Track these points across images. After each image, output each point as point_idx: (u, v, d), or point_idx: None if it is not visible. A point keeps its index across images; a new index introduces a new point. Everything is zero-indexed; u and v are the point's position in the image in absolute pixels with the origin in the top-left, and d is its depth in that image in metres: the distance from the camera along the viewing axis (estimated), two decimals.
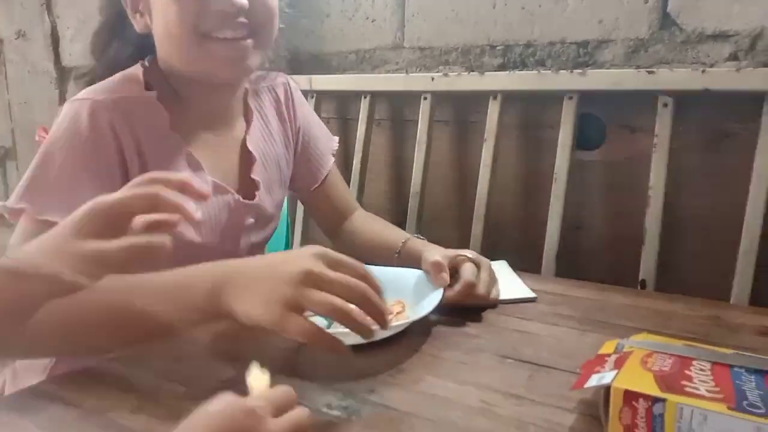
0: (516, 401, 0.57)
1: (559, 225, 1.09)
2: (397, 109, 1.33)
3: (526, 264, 0.99)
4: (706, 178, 1.03)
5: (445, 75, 1.20)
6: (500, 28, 1.19)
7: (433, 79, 1.20)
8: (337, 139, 1.06)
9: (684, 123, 1.02)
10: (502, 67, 1.20)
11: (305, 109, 1.02)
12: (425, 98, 1.22)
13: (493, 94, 1.15)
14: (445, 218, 1.27)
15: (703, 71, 0.97)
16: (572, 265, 1.11)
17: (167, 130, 0.79)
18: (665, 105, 1.01)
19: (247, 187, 0.88)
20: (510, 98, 1.16)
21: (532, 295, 0.83)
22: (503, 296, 0.81)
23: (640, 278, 1.00)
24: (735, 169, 0.98)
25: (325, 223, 1.06)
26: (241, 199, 0.86)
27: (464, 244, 1.16)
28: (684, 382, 0.50)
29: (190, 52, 0.76)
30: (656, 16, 1.05)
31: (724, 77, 0.96)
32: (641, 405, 0.49)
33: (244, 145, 0.89)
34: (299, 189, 1.03)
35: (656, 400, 0.49)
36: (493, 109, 1.15)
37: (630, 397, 0.50)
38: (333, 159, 1.03)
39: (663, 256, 1.00)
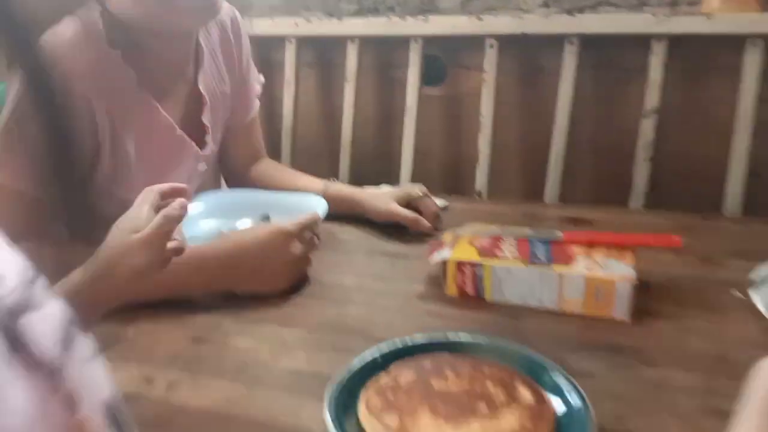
0: (381, 280, 0.76)
1: (412, 152, 1.28)
2: (263, 52, 1.44)
3: None
4: (524, 106, 1.26)
5: (308, 20, 1.33)
6: None
7: (297, 24, 1.33)
8: (262, 77, 1.07)
9: (507, 61, 1.24)
10: (358, 13, 1.34)
11: (248, 43, 0.98)
12: (290, 42, 1.35)
13: (351, 38, 1.30)
14: (316, 152, 1.42)
15: (520, 17, 1.19)
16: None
17: (135, 90, 0.79)
18: (491, 46, 1.22)
19: (197, 131, 0.88)
20: (366, 42, 1.31)
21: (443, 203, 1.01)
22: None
23: (476, 189, 1.23)
24: (546, 98, 1.22)
25: (238, 164, 1.04)
26: (200, 150, 0.88)
27: (334, 175, 1.32)
28: (496, 252, 0.71)
29: (159, 5, 0.73)
30: None
31: (536, 22, 1.18)
32: (468, 270, 0.70)
33: (194, 87, 0.87)
34: (228, 126, 0.99)
35: (477, 265, 0.69)
36: (352, 52, 1.30)
37: (461, 265, 0.70)
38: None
39: (493, 171, 1.23)
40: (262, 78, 1.05)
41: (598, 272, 0.66)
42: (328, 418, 0.47)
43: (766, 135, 1.07)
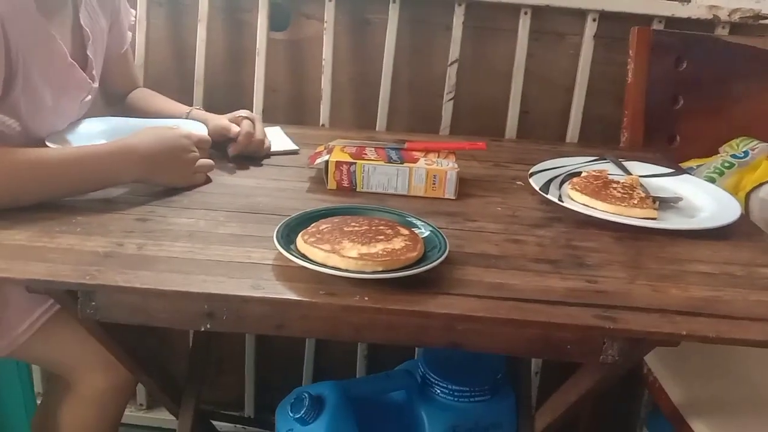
0: (276, 181, 0.98)
1: (263, 90, 1.47)
2: None
3: None
4: (357, 52, 1.51)
5: None
6: None
7: None
8: (133, 12, 1.15)
9: (342, 13, 1.47)
10: None
11: None
12: None
13: None
14: (170, 86, 1.53)
15: None
16: (276, 118, 1.52)
17: (34, 15, 0.85)
18: (330, 0, 1.44)
19: (82, 65, 0.97)
20: None
21: (296, 147, 1.14)
22: (275, 148, 1.11)
23: (321, 123, 1.46)
24: (374, 46, 1.48)
25: (114, 92, 1.15)
26: (88, 80, 0.98)
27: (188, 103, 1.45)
28: (363, 155, 0.97)
29: None
30: None
31: None
32: (344, 168, 0.94)
33: (77, 21, 0.95)
34: (105, 58, 1.07)
35: (351, 163, 0.94)
36: None
37: (339, 164, 0.94)
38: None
39: (333, 106, 1.47)
40: (133, 12, 1.17)
41: (435, 166, 0.95)
42: (278, 244, 0.69)
43: (532, 83, 1.46)
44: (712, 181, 1.23)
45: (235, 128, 1.04)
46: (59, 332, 0.96)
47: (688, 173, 1.12)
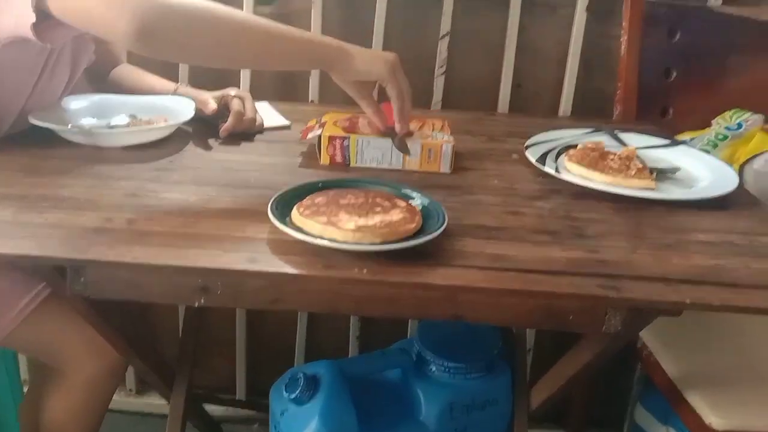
0: (267, 156, 0.95)
1: None
2: None
3: None
4: (347, 26, 1.48)
5: None
6: None
7: None
8: None
9: None
10: None
11: None
12: None
13: None
14: (154, 63, 1.49)
15: None
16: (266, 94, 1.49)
17: None
18: None
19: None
20: None
21: (287, 123, 1.12)
22: (266, 124, 1.08)
23: (310, 99, 1.43)
24: (364, 20, 1.45)
25: (96, 69, 1.10)
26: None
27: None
28: (357, 129, 0.94)
29: None
30: None
31: None
32: (338, 142, 0.92)
33: None
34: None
35: (345, 138, 0.92)
36: None
37: (332, 138, 0.92)
38: None
39: (322, 81, 1.44)
40: None
41: (430, 140, 0.93)
42: (272, 216, 0.67)
43: (525, 57, 1.44)
44: (706, 153, 1.23)
45: (211, 105, 1.02)
46: (47, 320, 0.93)
47: (684, 144, 1.11)
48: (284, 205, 0.72)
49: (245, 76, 1.43)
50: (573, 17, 1.39)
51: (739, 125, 1.24)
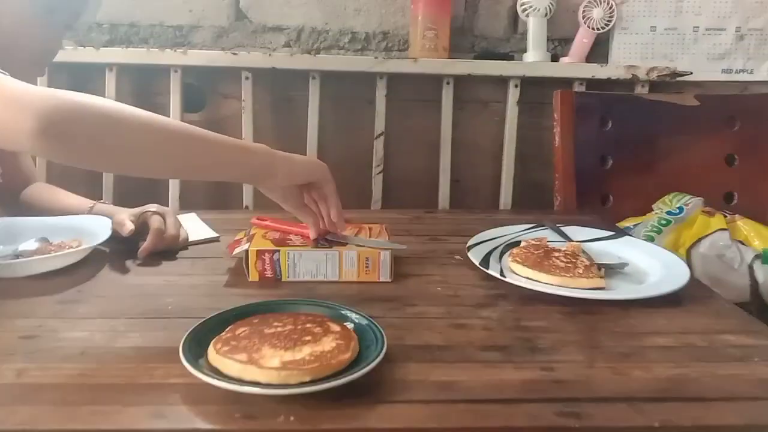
0: (188, 276, 0.87)
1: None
2: None
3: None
4: (279, 130, 1.45)
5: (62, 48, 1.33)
6: (107, 8, 1.38)
7: None
8: None
9: (261, 91, 1.41)
10: (110, 43, 1.39)
11: None
12: None
13: (109, 66, 1.35)
14: (77, 177, 1.41)
15: (270, 54, 1.38)
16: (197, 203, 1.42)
17: None
18: (247, 78, 1.38)
19: None
20: (124, 70, 1.37)
21: (215, 235, 1.03)
22: (192, 238, 1.00)
23: (244, 205, 1.37)
24: (297, 123, 1.43)
25: (10, 189, 1.05)
26: None
27: (97, 195, 1.34)
28: (288, 241, 0.88)
29: None
30: (233, 10, 1.41)
31: (283, 59, 1.38)
32: (267, 256, 0.85)
33: None
34: None
35: (275, 251, 0.85)
36: (110, 80, 1.35)
37: (260, 253, 0.85)
38: None
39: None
40: None
41: (366, 247, 0.87)
42: (184, 359, 0.58)
43: (461, 152, 1.43)
44: (651, 239, 1.21)
45: (127, 226, 0.92)
46: None
47: (628, 235, 1.08)
48: (200, 341, 0.63)
49: (174, 184, 1.37)
50: (505, 111, 1.40)
51: (681, 209, 1.24)
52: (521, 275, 0.86)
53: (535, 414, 0.56)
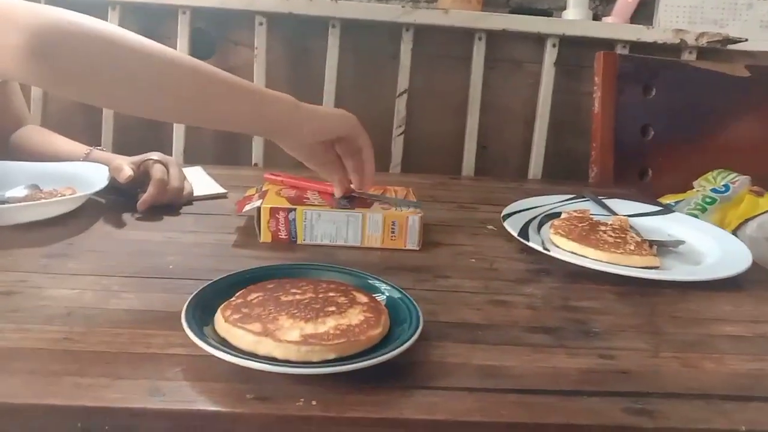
0: (192, 234, 0.78)
1: (184, 126, 1.28)
2: None
3: None
4: (294, 83, 1.35)
5: None
6: None
7: None
8: None
9: (275, 39, 1.30)
10: None
11: None
12: None
13: (112, 4, 1.24)
14: (75, 125, 1.32)
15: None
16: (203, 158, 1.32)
17: None
18: (261, 24, 1.28)
19: None
20: (129, 9, 1.26)
21: (223, 191, 0.95)
22: (197, 192, 0.91)
23: (253, 162, 1.27)
24: (313, 77, 1.32)
25: None
26: None
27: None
28: (305, 200, 0.78)
29: None
30: None
31: (301, 4, 1.27)
32: (281, 215, 0.76)
33: None
34: None
35: (290, 210, 0.76)
36: (113, 19, 1.24)
37: (274, 211, 0.76)
38: None
39: (267, 142, 1.29)
40: None
41: (393, 210, 0.78)
42: (187, 326, 0.49)
43: (489, 115, 1.32)
44: (694, 218, 1.11)
45: (125, 172, 0.83)
46: None
47: (675, 211, 0.99)
48: (206, 305, 0.54)
49: (178, 137, 1.27)
50: (540, 73, 1.29)
51: (726, 187, 1.14)
52: (565, 249, 0.77)
53: (600, 410, 0.48)
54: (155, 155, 0.88)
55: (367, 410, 0.45)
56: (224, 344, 0.49)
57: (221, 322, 0.51)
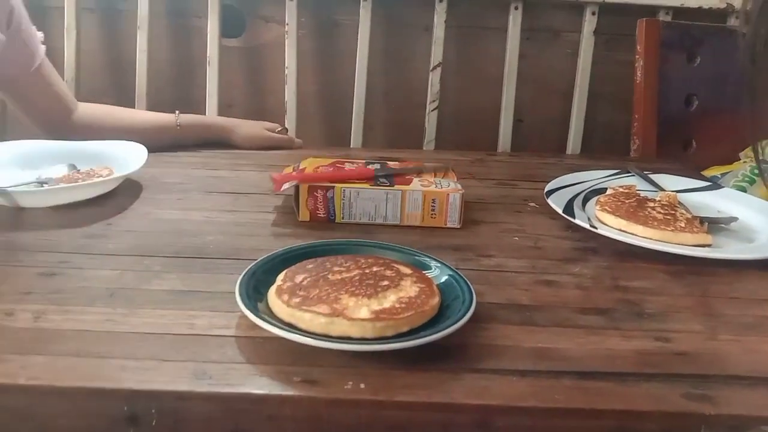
0: (231, 213, 0.77)
1: (216, 105, 1.26)
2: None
3: None
4: (324, 59, 1.32)
5: None
6: None
7: None
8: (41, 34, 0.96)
9: (305, 14, 1.28)
10: None
11: None
12: None
13: None
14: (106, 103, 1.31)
15: None
16: None
17: None
18: None
19: None
20: None
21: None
22: None
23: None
24: (344, 51, 1.29)
25: (51, 115, 0.96)
26: None
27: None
28: (343, 177, 0.77)
29: None
30: None
31: None
32: (320, 193, 0.74)
33: None
34: (13, 75, 0.91)
35: (329, 188, 0.74)
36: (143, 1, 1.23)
37: (312, 189, 0.74)
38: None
39: (299, 119, 1.28)
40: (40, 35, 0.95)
41: (433, 188, 0.76)
42: (245, 308, 0.48)
43: (526, 87, 1.28)
44: (742, 191, 1.07)
45: (279, 136, 1.08)
46: None
47: (724, 186, 0.95)
48: (254, 287, 0.53)
49: (211, 104, 1.26)
50: (579, 42, 1.25)
51: None
52: (613, 227, 0.74)
53: (659, 395, 0.46)
54: (268, 124, 1.07)
55: (417, 394, 0.44)
56: (291, 328, 0.47)
57: (282, 308, 0.49)
